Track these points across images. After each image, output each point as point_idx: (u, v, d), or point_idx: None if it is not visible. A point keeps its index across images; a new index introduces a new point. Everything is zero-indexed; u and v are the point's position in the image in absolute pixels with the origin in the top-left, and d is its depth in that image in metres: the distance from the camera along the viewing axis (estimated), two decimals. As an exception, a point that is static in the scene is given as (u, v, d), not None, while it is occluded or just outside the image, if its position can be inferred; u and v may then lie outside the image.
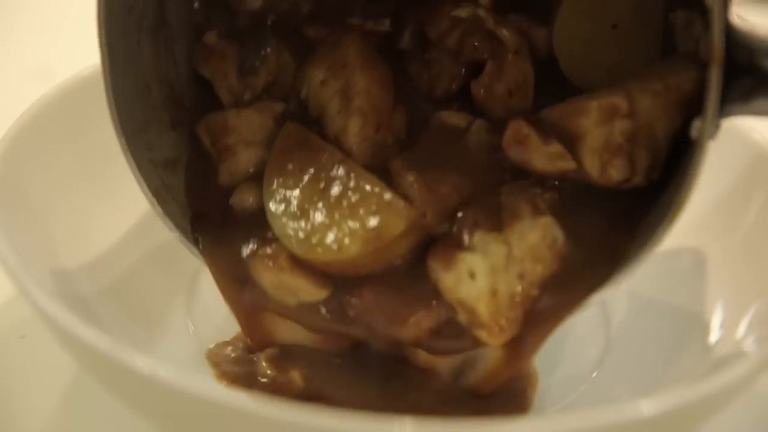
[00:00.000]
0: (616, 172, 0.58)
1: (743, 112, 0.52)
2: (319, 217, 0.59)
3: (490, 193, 0.60)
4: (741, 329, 0.66)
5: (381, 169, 0.61)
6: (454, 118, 0.66)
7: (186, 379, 0.48)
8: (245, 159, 0.66)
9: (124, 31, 0.63)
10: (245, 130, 0.66)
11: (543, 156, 0.58)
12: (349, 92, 0.64)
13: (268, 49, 0.70)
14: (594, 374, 0.69)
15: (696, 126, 0.53)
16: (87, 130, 0.78)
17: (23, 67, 1.10)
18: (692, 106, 0.55)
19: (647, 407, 0.49)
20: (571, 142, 0.58)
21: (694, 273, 0.75)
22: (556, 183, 0.60)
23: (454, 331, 0.58)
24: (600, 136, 0.57)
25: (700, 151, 0.52)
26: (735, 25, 0.50)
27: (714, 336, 0.69)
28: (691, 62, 0.56)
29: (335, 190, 0.59)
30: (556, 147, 0.58)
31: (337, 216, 0.58)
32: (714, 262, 0.75)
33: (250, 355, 0.66)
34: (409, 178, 0.58)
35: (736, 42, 0.50)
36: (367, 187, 0.58)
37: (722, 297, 0.72)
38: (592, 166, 0.57)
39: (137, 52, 0.65)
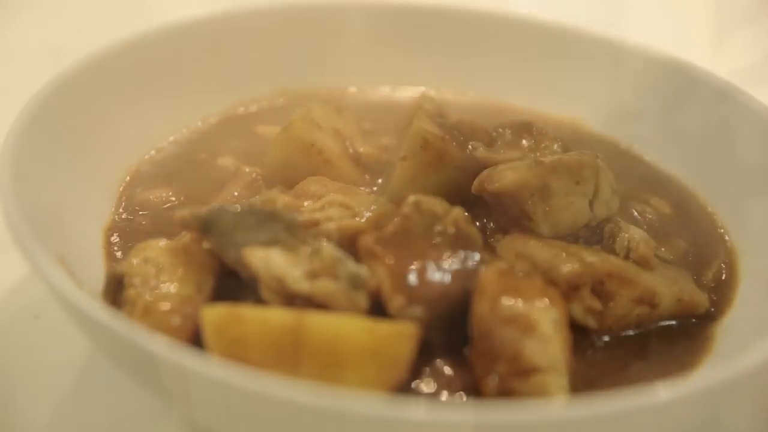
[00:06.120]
0: None
1: None
2: None
3: None
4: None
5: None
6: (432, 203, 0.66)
7: (197, 359, 0.48)
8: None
9: None
10: None
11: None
12: None
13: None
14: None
15: None
16: (99, 108, 0.78)
17: (37, 47, 1.10)
18: None
19: (665, 392, 0.49)
20: None
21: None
22: None
23: None
24: None
25: None
26: None
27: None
28: None
29: None
30: None
31: None
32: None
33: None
34: (380, 269, 0.60)
35: None
36: None
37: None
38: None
39: None
